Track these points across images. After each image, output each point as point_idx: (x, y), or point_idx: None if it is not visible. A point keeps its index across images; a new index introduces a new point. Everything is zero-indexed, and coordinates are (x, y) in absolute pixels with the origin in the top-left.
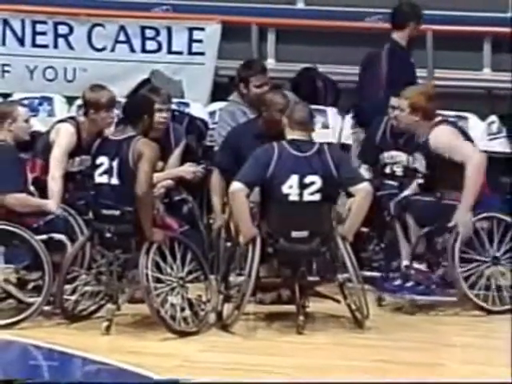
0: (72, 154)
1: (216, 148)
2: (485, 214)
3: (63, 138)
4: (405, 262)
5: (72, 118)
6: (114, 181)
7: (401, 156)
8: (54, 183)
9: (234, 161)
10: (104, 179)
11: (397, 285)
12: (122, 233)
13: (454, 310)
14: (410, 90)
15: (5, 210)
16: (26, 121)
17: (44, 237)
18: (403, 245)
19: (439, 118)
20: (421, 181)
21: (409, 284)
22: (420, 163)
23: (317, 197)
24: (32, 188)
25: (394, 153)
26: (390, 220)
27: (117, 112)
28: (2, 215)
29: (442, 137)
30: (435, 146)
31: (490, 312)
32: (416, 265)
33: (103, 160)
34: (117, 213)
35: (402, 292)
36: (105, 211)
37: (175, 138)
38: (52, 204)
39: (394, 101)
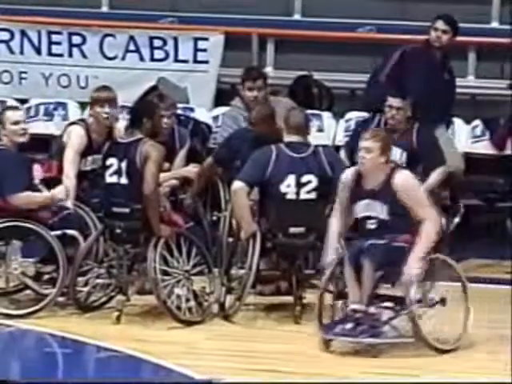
0: (84, 154)
1: None
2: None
3: (74, 139)
4: (354, 306)
5: (82, 120)
6: (124, 181)
7: (395, 150)
8: (69, 181)
9: (229, 158)
10: (114, 179)
11: (348, 328)
12: (131, 229)
13: None
14: (378, 133)
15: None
16: (17, 123)
17: (58, 232)
18: (352, 289)
19: (393, 164)
20: (374, 226)
21: (362, 327)
22: (381, 208)
23: (313, 195)
24: (40, 186)
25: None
26: (343, 264)
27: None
28: (18, 212)
29: (407, 182)
30: (398, 189)
31: None
32: (368, 308)
33: (113, 161)
34: (126, 210)
35: (352, 335)
36: (115, 209)
37: (180, 141)
38: (59, 192)
39: (391, 101)
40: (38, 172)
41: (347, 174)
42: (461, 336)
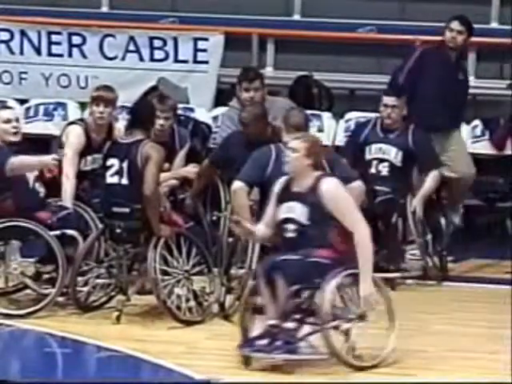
0: (83, 154)
1: None
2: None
3: (72, 138)
4: (270, 322)
5: (81, 119)
6: (124, 181)
7: (390, 150)
8: (68, 182)
9: (224, 160)
10: (115, 179)
11: (263, 344)
12: (131, 229)
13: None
14: (307, 134)
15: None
16: (8, 121)
17: (58, 232)
18: (268, 304)
19: (321, 172)
20: (293, 234)
21: (277, 343)
22: (301, 211)
23: None
24: (37, 185)
25: (383, 146)
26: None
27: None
28: (17, 213)
29: (335, 190)
30: (324, 196)
31: None
32: (283, 323)
33: (114, 162)
34: (126, 210)
35: (266, 351)
36: (115, 209)
37: (180, 141)
38: (48, 158)
39: (386, 99)
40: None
41: (279, 182)
42: (383, 354)
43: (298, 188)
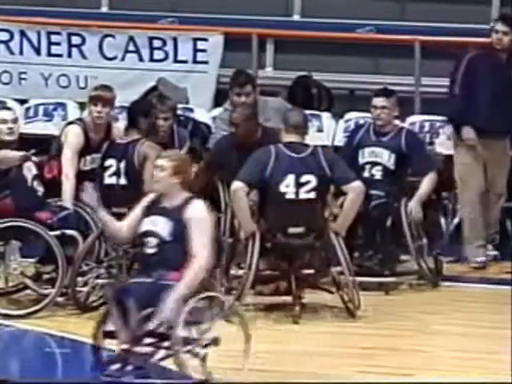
0: (83, 154)
1: None
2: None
3: (71, 138)
4: (123, 346)
5: (79, 119)
6: (122, 181)
7: (382, 153)
8: (68, 182)
9: (217, 163)
10: (113, 180)
11: (114, 369)
12: None
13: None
14: (175, 152)
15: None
16: (4, 122)
17: (57, 232)
18: (120, 328)
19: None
20: (153, 250)
21: (127, 368)
22: (164, 225)
23: (312, 195)
24: (35, 183)
25: (376, 149)
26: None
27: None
28: (17, 212)
29: (199, 214)
30: (189, 217)
31: None
32: (135, 348)
33: (111, 162)
34: (125, 210)
35: (118, 376)
36: (115, 209)
37: (179, 141)
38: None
39: (375, 101)
40: (31, 171)
41: (149, 196)
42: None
43: (165, 204)
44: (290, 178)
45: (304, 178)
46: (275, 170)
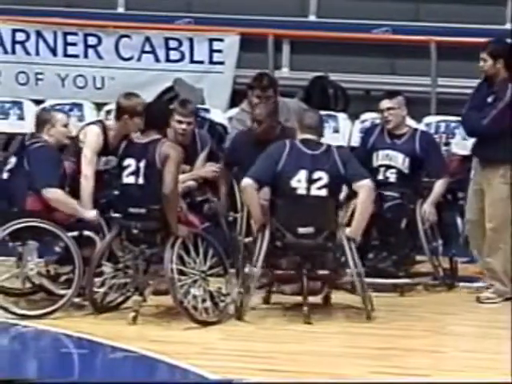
0: (99, 155)
1: None
2: None
3: (91, 138)
4: None
5: (99, 121)
6: (141, 181)
7: (397, 156)
8: (87, 182)
9: (235, 161)
10: (131, 180)
11: None
12: (148, 229)
13: (454, 301)
14: None
15: (40, 207)
16: (65, 126)
17: (75, 233)
18: None
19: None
20: None
21: None
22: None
23: (323, 192)
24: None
25: (390, 152)
26: None
27: None
28: (37, 213)
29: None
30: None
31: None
32: None
33: (130, 162)
34: (143, 211)
35: None
36: (132, 209)
37: (201, 144)
38: (90, 213)
39: (381, 104)
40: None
41: None
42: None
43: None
44: (302, 174)
45: (316, 175)
46: (287, 165)
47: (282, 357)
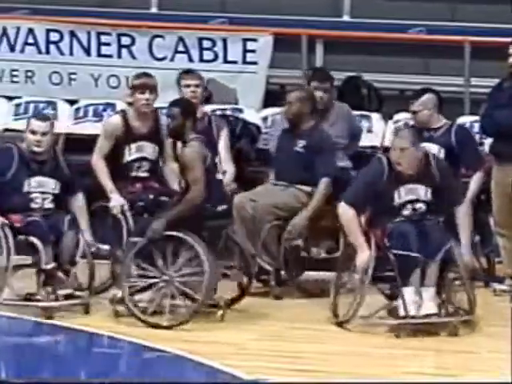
0: (127, 142)
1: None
2: None
3: (103, 127)
4: None
5: (122, 110)
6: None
7: (433, 148)
8: (96, 169)
9: None
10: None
11: None
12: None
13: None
14: None
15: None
16: (33, 132)
17: (22, 237)
18: None
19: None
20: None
21: None
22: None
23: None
24: None
25: (426, 144)
26: None
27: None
28: None
29: None
30: None
31: None
32: None
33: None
34: None
35: None
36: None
37: (217, 126)
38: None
39: (412, 106)
40: None
41: None
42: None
43: None
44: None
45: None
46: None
47: (312, 356)
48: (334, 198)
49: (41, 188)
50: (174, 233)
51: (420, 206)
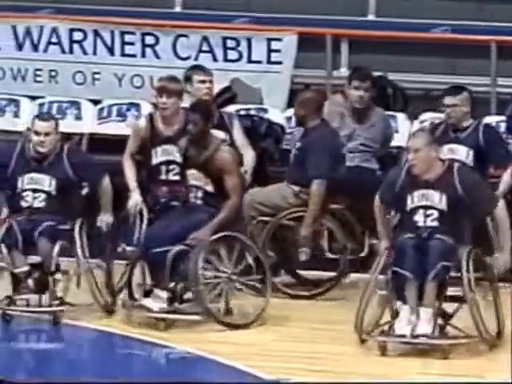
0: (153, 145)
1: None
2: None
3: (130, 140)
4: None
5: (149, 113)
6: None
7: (461, 149)
8: (124, 168)
9: None
10: None
11: None
12: None
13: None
14: None
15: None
16: (37, 133)
17: None
18: None
19: None
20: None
21: None
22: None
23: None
24: None
25: (453, 146)
26: None
27: None
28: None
29: None
30: None
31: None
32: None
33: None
34: None
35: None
36: None
37: (228, 120)
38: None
39: (446, 100)
40: None
41: None
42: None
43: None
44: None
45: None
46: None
47: (328, 357)
48: (358, 199)
49: (33, 185)
50: (233, 233)
51: (432, 212)
